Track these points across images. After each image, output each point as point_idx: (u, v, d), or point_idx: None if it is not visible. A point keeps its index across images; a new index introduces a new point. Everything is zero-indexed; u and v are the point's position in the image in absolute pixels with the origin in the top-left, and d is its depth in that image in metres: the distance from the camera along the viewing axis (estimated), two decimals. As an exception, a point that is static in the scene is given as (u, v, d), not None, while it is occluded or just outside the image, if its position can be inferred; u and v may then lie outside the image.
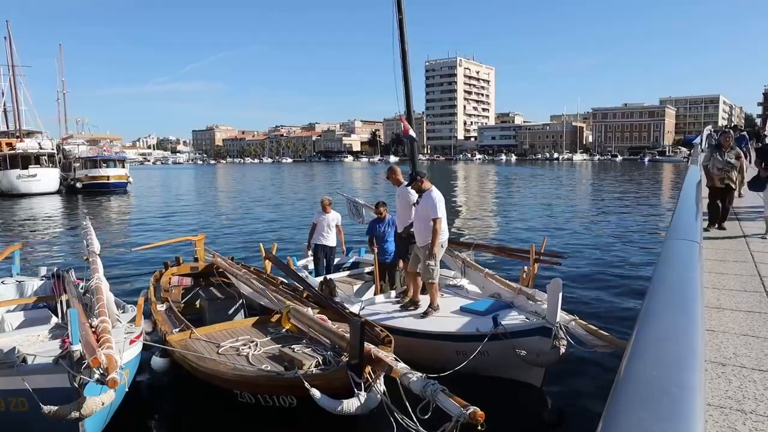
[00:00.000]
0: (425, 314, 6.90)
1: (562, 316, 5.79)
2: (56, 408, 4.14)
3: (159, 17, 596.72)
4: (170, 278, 8.89)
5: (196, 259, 9.58)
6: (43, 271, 8.68)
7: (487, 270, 7.83)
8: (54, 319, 6.69)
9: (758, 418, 2.64)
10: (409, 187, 7.52)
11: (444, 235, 7.09)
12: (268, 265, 9.07)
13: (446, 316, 6.82)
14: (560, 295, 5.62)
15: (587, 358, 6.54)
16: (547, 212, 24.96)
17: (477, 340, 5.91)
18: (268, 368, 5.26)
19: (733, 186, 8.25)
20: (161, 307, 7.46)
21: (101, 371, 3.99)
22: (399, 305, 7.42)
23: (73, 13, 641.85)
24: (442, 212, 6.93)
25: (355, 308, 7.26)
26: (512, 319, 6.26)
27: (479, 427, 3.72)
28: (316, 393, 4.49)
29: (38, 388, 4.34)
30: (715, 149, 8.30)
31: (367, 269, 9.54)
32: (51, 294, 7.80)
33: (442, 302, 7.46)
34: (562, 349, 5.64)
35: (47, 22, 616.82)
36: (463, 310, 6.91)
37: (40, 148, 46.22)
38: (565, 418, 6.08)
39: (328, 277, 8.54)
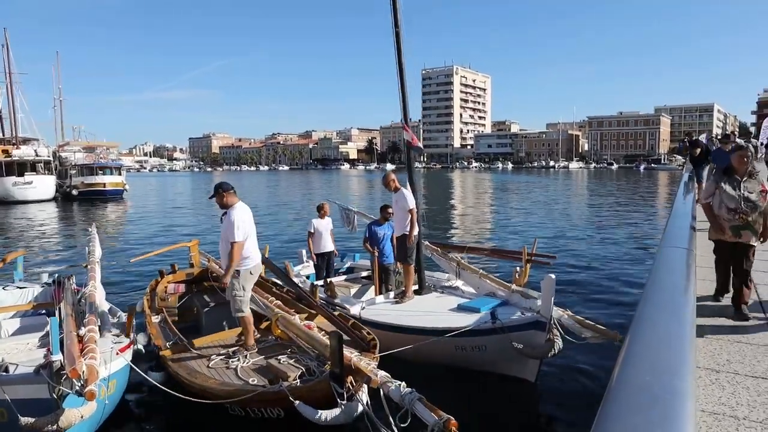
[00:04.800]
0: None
1: (555, 310, 6.01)
2: (33, 420, 4.07)
3: (157, 26, 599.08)
4: (166, 286, 8.88)
5: (191, 265, 9.57)
6: (45, 277, 8.67)
7: (481, 271, 8.11)
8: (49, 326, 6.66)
9: (751, 424, 2.67)
10: (405, 192, 7.75)
11: (249, 262, 6.14)
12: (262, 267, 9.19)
13: (445, 314, 7.03)
14: (554, 290, 5.87)
15: (578, 354, 6.79)
16: (541, 218, 25.03)
17: (475, 334, 6.15)
18: (255, 381, 5.36)
19: (755, 240, 4.78)
20: (156, 319, 7.44)
21: (81, 382, 3.93)
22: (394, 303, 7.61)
23: (70, 19, 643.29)
24: (242, 235, 5.93)
25: (356, 308, 7.48)
26: (508, 314, 6.49)
27: None
28: (299, 405, 4.59)
29: (18, 398, 4.27)
30: (723, 176, 4.90)
31: (363, 273, 9.80)
32: (51, 301, 7.77)
33: (439, 301, 7.73)
34: (556, 342, 5.85)
35: (43, 27, 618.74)
36: (461, 308, 7.11)
37: (36, 156, 46.14)
38: (557, 412, 6.20)
39: (329, 279, 8.74)
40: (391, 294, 8.15)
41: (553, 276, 5.88)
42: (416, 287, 8.19)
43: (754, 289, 5.09)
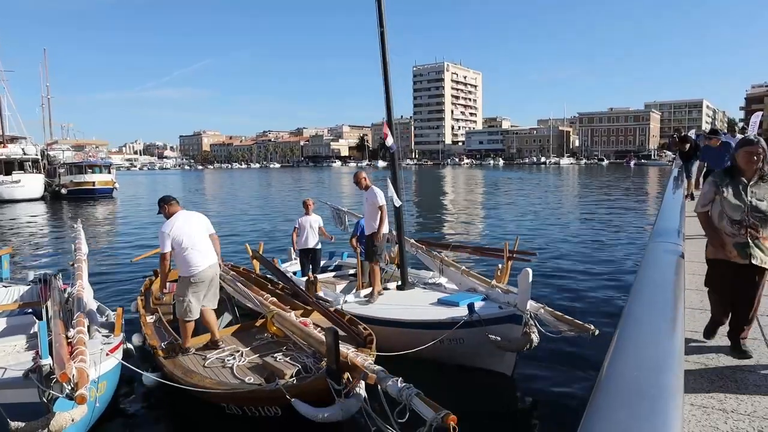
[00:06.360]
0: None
1: (531, 304, 6.09)
2: (23, 424, 4.05)
3: (147, 23, 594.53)
4: None
5: None
6: (31, 276, 8.58)
7: (463, 267, 8.25)
8: (37, 327, 6.59)
9: (739, 416, 2.70)
10: (375, 189, 7.92)
11: (193, 269, 6.05)
12: (257, 264, 9.25)
13: (425, 307, 7.15)
14: (530, 284, 5.94)
15: (554, 348, 6.86)
16: (530, 214, 25.12)
17: (453, 327, 6.27)
18: (252, 380, 5.33)
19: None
20: (150, 319, 7.41)
21: (71, 386, 3.91)
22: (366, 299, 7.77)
23: (58, 18, 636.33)
24: (168, 247, 6.02)
25: (337, 302, 7.56)
26: (486, 308, 6.62)
27: (452, 431, 3.78)
28: (297, 403, 4.57)
29: (7, 403, 4.25)
30: (726, 177, 3.69)
31: (351, 271, 9.95)
32: (37, 300, 7.69)
33: (420, 296, 7.82)
34: (532, 335, 5.94)
35: (32, 25, 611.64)
36: (440, 302, 7.24)
37: (24, 154, 45.67)
38: (533, 405, 6.28)
39: (312, 275, 8.77)
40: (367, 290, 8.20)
41: (529, 270, 5.95)
42: (399, 283, 8.29)
43: (757, 320, 3.89)
